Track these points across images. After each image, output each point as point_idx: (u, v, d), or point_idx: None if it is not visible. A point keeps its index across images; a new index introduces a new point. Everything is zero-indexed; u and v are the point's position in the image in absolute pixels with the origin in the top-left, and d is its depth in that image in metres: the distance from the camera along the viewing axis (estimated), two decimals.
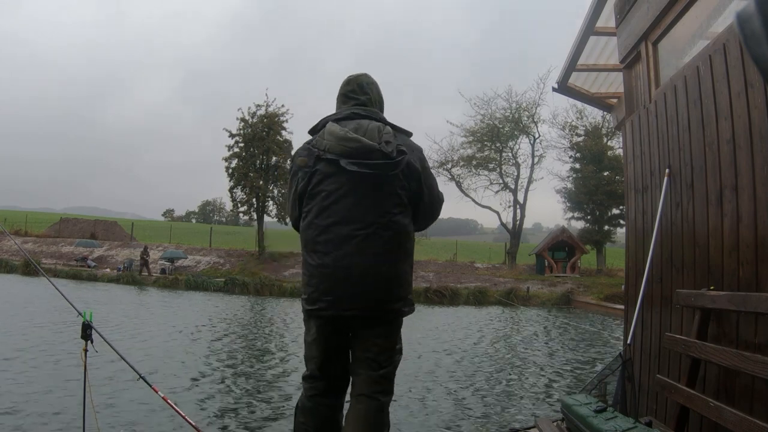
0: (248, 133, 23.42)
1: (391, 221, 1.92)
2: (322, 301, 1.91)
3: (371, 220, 1.90)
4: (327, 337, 1.98)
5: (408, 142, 2.05)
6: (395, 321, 1.98)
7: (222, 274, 21.17)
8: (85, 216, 41.02)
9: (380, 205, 1.92)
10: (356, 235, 1.89)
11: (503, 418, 4.80)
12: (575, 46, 4.80)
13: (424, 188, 2.04)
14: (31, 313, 9.95)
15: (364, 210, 1.90)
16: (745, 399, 2.11)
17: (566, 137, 26.25)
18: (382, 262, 1.90)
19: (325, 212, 1.94)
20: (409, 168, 1.97)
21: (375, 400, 1.91)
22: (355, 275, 1.87)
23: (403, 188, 1.97)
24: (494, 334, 10.68)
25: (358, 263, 1.88)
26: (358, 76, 2.16)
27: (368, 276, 1.88)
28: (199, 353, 7.23)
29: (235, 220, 61.54)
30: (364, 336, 1.94)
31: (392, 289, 1.93)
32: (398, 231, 1.94)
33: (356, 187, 1.92)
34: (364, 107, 2.07)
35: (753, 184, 2.20)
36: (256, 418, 4.48)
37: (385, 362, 1.95)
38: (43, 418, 4.06)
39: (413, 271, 2.08)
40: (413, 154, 2.01)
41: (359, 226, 1.89)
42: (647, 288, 3.26)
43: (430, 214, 2.14)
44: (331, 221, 1.92)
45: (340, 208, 1.92)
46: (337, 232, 1.91)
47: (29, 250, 23.85)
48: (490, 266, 25.28)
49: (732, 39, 2.38)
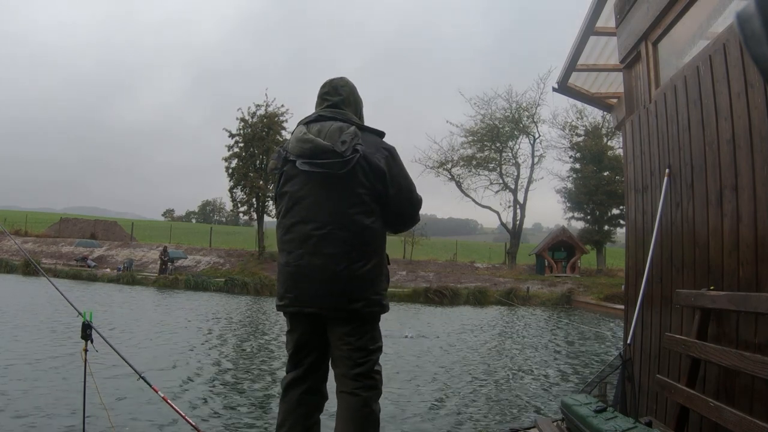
0: (248, 133, 23.42)
1: (350, 221, 1.93)
2: (285, 298, 2.00)
3: (328, 219, 1.93)
4: (296, 332, 2.05)
5: (373, 140, 2.04)
6: (361, 320, 1.96)
7: (222, 274, 21.17)
8: (85, 216, 41.02)
9: (338, 204, 1.94)
10: (314, 235, 1.94)
11: (503, 418, 4.80)
12: (575, 46, 4.81)
13: (390, 188, 2.00)
14: (31, 313, 9.95)
15: (322, 209, 1.95)
16: (745, 399, 2.11)
17: (566, 137, 26.31)
18: (339, 261, 1.91)
19: (289, 212, 2.02)
20: (370, 167, 1.95)
21: (355, 395, 1.92)
22: (313, 274, 1.93)
23: (364, 187, 1.95)
24: (494, 334, 10.68)
25: (316, 262, 1.92)
26: (333, 79, 2.20)
27: (325, 275, 1.91)
28: (199, 353, 7.23)
29: (235, 220, 61.58)
30: (335, 334, 1.98)
31: (350, 289, 1.92)
32: (357, 231, 1.93)
33: (315, 187, 1.97)
34: (333, 108, 2.10)
35: (753, 184, 2.20)
36: (255, 418, 4.49)
37: (361, 360, 1.95)
38: (43, 418, 4.05)
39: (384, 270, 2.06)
40: (378, 153, 1.99)
41: (317, 225, 1.94)
42: (647, 288, 3.26)
43: (403, 216, 2.11)
44: (294, 221, 2.00)
45: (300, 208, 1.99)
46: (298, 231, 1.98)
47: (29, 250, 23.84)
48: (490, 266, 25.29)
49: (732, 39, 2.38)
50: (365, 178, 1.95)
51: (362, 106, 2.24)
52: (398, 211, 2.07)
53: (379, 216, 2.01)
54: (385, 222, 2.06)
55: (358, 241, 1.94)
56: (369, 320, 1.99)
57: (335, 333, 1.97)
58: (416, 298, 17.45)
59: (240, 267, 22.31)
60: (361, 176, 1.94)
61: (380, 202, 2.00)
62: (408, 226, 2.20)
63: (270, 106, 23.80)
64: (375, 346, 2.01)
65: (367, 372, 1.95)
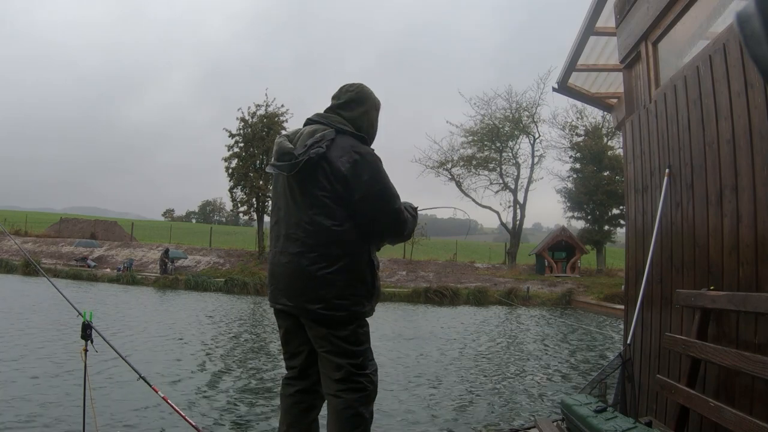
0: (248, 133, 23.42)
1: (310, 222, 1.94)
2: (268, 294, 2.13)
3: (293, 220, 2.00)
4: (280, 327, 2.14)
5: (347, 143, 1.98)
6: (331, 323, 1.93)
7: (222, 274, 21.16)
8: (85, 216, 41.03)
9: (300, 205, 1.98)
10: (282, 235, 2.03)
11: (503, 418, 4.80)
12: (575, 46, 4.81)
13: (355, 193, 1.93)
14: (30, 313, 9.95)
15: (289, 210, 2.02)
16: (745, 399, 2.11)
17: (566, 137, 26.28)
18: (300, 261, 1.94)
19: (272, 212, 2.15)
20: (331, 169, 1.92)
21: (338, 398, 1.93)
22: (279, 273, 2.02)
23: (324, 189, 1.93)
24: (494, 335, 10.68)
25: (282, 261, 2.00)
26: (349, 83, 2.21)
27: (288, 274, 1.98)
28: (199, 353, 7.23)
29: (235, 220, 61.59)
30: (310, 336, 2.01)
31: (307, 290, 1.93)
32: (317, 232, 1.93)
33: (285, 189, 2.04)
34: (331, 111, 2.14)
35: (753, 184, 2.20)
36: (255, 418, 4.48)
37: (339, 364, 1.93)
38: (42, 418, 4.05)
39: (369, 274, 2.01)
40: (345, 156, 1.93)
41: (285, 225, 2.03)
42: (647, 288, 3.26)
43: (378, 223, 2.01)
44: (274, 221, 2.12)
45: (276, 209, 2.11)
46: (276, 231, 2.09)
47: (29, 250, 23.83)
48: (490, 266, 25.28)
49: (732, 39, 2.38)
50: (326, 180, 1.93)
51: (373, 112, 2.19)
52: (372, 218, 1.99)
53: (348, 220, 1.95)
54: (363, 229, 1.99)
55: (320, 243, 1.93)
56: (334, 324, 1.94)
57: (310, 335, 2.01)
58: (416, 298, 17.45)
59: (240, 267, 22.30)
60: (321, 178, 1.93)
61: (346, 206, 1.95)
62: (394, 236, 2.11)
63: (270, 106, 23.82)
64: (354, 350, 1.96)
65: (347, 376, 1.93)
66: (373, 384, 2.00)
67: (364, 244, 2.02)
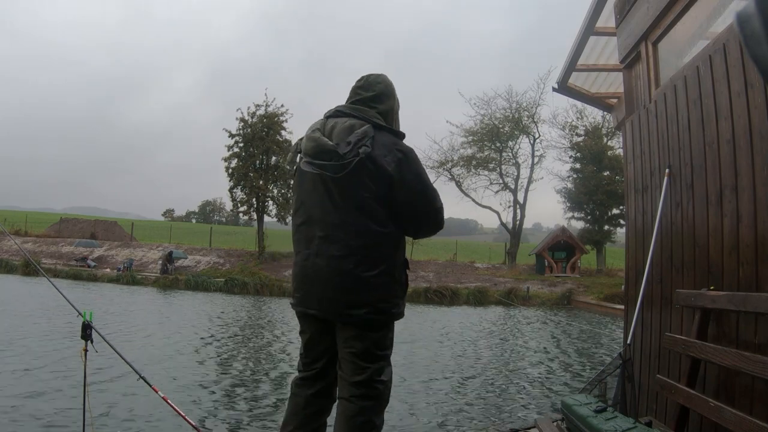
0: (248, 133, 23.41)
1: (353, 224, 1.84)
2: (294, 297, 2.00)
3: (333, 221, 1.86)
4: (305, 333, 2.03)
5: (388, 141, 1.90)
6: (367, 326, 1.87)
7: (222, 274, 21.16)
8: (85, 216, 41.03)
9: (342, 207, 1.85)
10: (318, 236, 1.89)
11: (503, 418, 4.80)
12: (575, 46, 4.81)
13: (399, 194, 1.87)
14: (30, 313, 9.94)
15: (326, 211, 1.88)
16: (745, 399, 2.11)
17: (566, 137, 26.27)
18: (343, 264, 1.83)
19: (297, 212, 1.99)
20: (377, 169, 1.84)
21: (351, 403, 1.85)
22: (317, 276, 1.88)
23: (369, 190, 1.84)
24: (494, 334, 10.68)
25: (320, 264, 1.87)
26: (370, 74, 2.10)
27: (328, 278, 1.85)
28: (199, 353, 7.23)
29: (235, 220, 61.57)
30: (340, 337, 1.91)
31: (353, 294, 1.84)
32: (361, 234, 1.84)
33: (319, 188, 1.90)
34: (357, 104, 2.01)
35: (753, 185, 2.20)
36: (255, 418, 4.48)
37: (363, 367, 1.86)
38: (42, 418, 4.05)
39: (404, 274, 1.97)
40: (390, 155, 1.86)
41: (321, 226, 1.89)
42: (647, 288, 3.26)
43: (421, 223, 1.99)
44: (301, 221, 1.97)
45: (306, 209, 1.95)
46: (304, 232, 1.95)
47: (29, 250, 23.83)
48: (490, 266, 25.28)
49: (732, 39, 2.38)
50: (371, 181, 1.83)
51: (397, 106, 2.11)
52: (414, 217, 1.95)
53: (390, 220, 1.89)
54: (401, 227, 1.95)
55: (363, 245, 1.84)
56: (375, 327, 1.89)
57: (341, 336, 1.91)
58: (416, 298, 17.44)
59: (240, 267, 22.29)
60: (366, 179, 1.83)
61: (390, 206, 1.89)
62: (430, 233, 2.07)
63: (270, 106, 23.82)
64: (380, 354, 1.90)
65: (367, 380, 1.86)
66: (388, 391, 1.94)
67: (402, 243, 1.98)
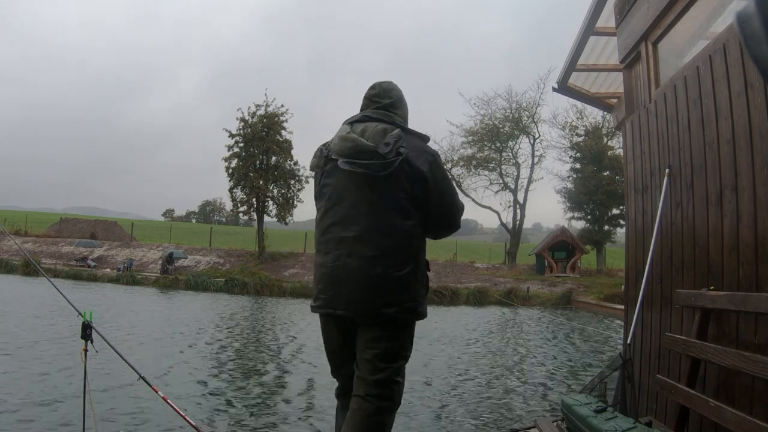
0: (248, 133, 23.42)
1: (388, 224, 1.89)
2: (319, 298, 1.97)
3: (366, 222, 1.89)
4: (328, 336, 2.04)
5: (418, 144, 1.99)
6: (393, 326, 1.91)
7: (222, 274, 21.16)
8: (85, 216, 41.03)
9: (377, 207, 1.90)
10: (351, 237, 1.90)
11: (503, 418, 4.80)
12: (575, 46, 4.81)
13: (433, 194, 1.96)
14: (30, 313, 9.95)
15: (360, 212, 1.91)
16: (745, 399, 2.11)
17: (566, 137, 26.28)
18: (376, 264, 1.86)
19: (327, 213, 2.00)
20: (413, 171, 1.91)
21: (368, 402, 1.86)
22: (348, 276, 1.89)
23: (405, 191, 1.91)
24: (493, 334, 10.68)
25: (352, 264, 1.88)
26: (381, 82, 2.19)
27: (361, 278, 1.87)
28: (199, 353, 7.23)
29: (235, 220, 61.51)
30: (363, 337, 1.93)
31: (384, 293, 1.87)
32: (394, 234, 1.89)
33: (354, 188, 1.93)
34: (380, 110, 2.07)
35: (753, 185, 2.20)
36: (255, 418, 4.48)
37: (382, 366, 1.88)
38: (42, 419, 4.05)
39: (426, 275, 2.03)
40: (422, 157, 1.95)
41: (355, 227, 1.91)
42: (647, 288, 3.26)
43: (443, 223, 2.07)
44: (331, 222, 1.97)
45: (339, 209, 1.96)
46: (335, 232, 1.95)
47: (29, 250, 23.83)
48: (490, 266, 25.27)
49: (732, 39, 2.38)
50: (407, 181, 1.90)
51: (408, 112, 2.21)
52: (440, 217, 2.03)
53: (419, 221, 1.96)
54: (426, 227, 2.02)
55: (395, 245, 1.89)
56: (401, 326, 1.93)
57: (365, 336, 1.92)
58: None
59: (240, 267, 22.30)
60: (403, 180, 1.90)
61: (420, 207, 1.95)
62: (450, 233, 2.15)
63: (270, 106, 23.82)
64: (402, 354, 1.94)
65: (386, 379, 1.88)
66: (401, 393, 1.96)
67: (425, 244, 2.04)
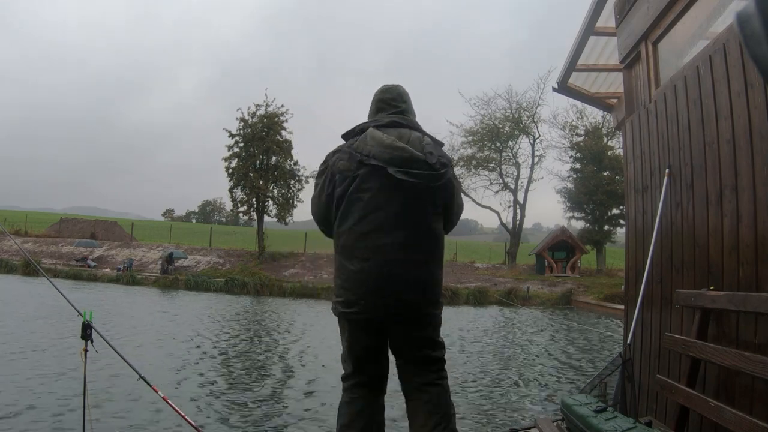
0: (248, 133, 23.42)
1: (429, 229, 1.99)
2: (357, 305, 1.95)
3: (412, 228, 1.96)
4: (362, 338, 2.03)
5: (440, 152, 2.07)
6: (436, 322, 2.07)
7: (222, 274, 21.16)
8: (85, 216, 41.03)
9: (420, 213, 1.97)
10: (397, 243, 1.93)
11: (503, 418, 4.80)
12: (575, 46, 4.80)
13: (456, 199, 2.12)
14: (30, 313, 9.95)
15: (407, 219, 1.95)
16: (745, 399, 2.11)
17: (566, 137, 26.30)
18: (420, 268, 1.96)
19: (364, 219, 1.96)
20: (448, 180, 2.03)
21: (438, 385, 2.02)
22: (394, 281, 1.93)
23: (442, 197, 2.03)
24: (493, 335, 10.68)
25: (398, 270, 1.93)
26: (394, 85, 2.20)
27: (408, 282, 1.94)
28: (199, 353, 7.23)
29: (235, 220, 61.49)
30: (410, 336, 2.01)
31: (428, 294, 1.99)
32: (435, 238, 2.02)
33: (398, 196, 1.94)
34: (401, 115, 2.10)
35: (753, 185, 2.20)
36: (256, 418, 4.48)
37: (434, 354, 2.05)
38: (42, 419, 4.06)
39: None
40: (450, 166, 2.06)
41: (399, 234, 1.94)
42: (647, 288, 3.26)
43: (453, 224, 2.22)
44: (372, 227, 1.95)
45: (379, 216, 1.95)
46: (376, 239, 1.94)
47: (29, 250, 23.83)
48: (490, 266, 25.27)
49: (732, 39, 2.38)
50: (443, 189, 2.02)
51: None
52: (452, 219, 2.17)
53: (445, 224, 2.12)
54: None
55: (434, 249, 2.02)
56: (439, 321, 2.10)
57: (410, 336, 2.01)
58: None
59: (240, 267, 22.30)
60: (441, 188, 2.00)
61: (445, 212, 2.10)
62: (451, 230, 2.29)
63: (270, 106, 23.82)
64: (442, 343, 2.12)
65: (440, 363, 2.07)
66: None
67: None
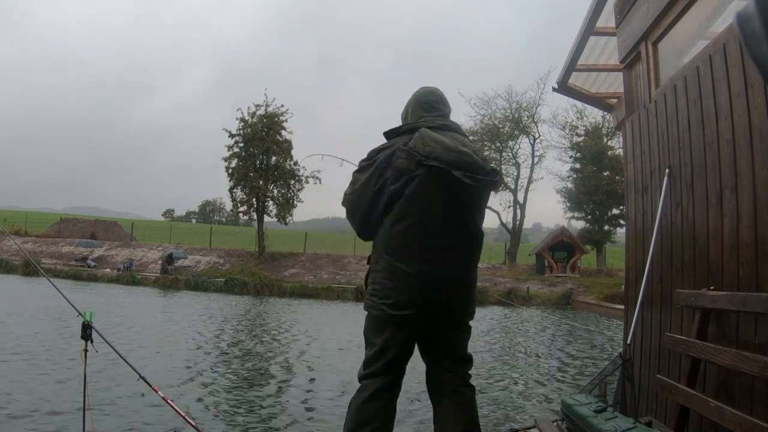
0: (248, 133, 23.43)
1: (477, 233, 2.04)
2: (412, 307, 1.91)
3: (467, 232, 2.00)
4: (397, 339, 1.99)
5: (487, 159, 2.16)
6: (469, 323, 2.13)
7: (222, 274, 21.16)
8: (85, 216, 41.03)
9: (474, 217, 2.02)
10: (453, 247, 1.96)
11: (503, 418, 4.80)
12: (575, 46, 4.80)
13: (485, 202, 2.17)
14: (30, 313, 9.94)
15: (461, 222, 1.97)
16: (745, 399, 2.11)
17: (566, 137, 26.32)
18: (471, 272, 2.04)
19: (424, 220, 1.93)
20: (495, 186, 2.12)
21: (469, 386, 2.08)
22: (448, 284, 1.95)
23: (485, 202, 2.11)
24: (493, 335, 10.68)
25: (449, 274, 1.95)
26: (435, 88, 2.22)
27: (458, 286, 1.99)
28: (200, 353, 7.23)
29: (235, 220, 61.47)
30: (447, 338, 2.05)
31: (473, 296, 2.07)
32: (480, 242, 2.08)
33: (455, 199, 1.95)
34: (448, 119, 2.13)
35: (753, 184, 2.20)
36: (256, 418, 4.48)
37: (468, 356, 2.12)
38: (42, 419, 4.05)
39: None
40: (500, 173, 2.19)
41: (457, 238, 1.97)
42: (647, 288, 3.26)
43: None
44: (431, 230, 1.93)
45: (439, 218, 1.94)
46: (427, 241, 1.92)
47: (29, 250, 23.84)
48: (490, 266, 25.27)
49: (732, 39, 2.38)
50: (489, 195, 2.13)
51: None
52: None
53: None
54: None
55: (479, 253, 2.10)
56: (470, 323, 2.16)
57: (448, 338, 2.05)
58: None
59: (240, 267, 22.30)
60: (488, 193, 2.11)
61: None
62: None
63: (270, 106, 23.83)
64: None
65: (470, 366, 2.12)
66: None
67: None
